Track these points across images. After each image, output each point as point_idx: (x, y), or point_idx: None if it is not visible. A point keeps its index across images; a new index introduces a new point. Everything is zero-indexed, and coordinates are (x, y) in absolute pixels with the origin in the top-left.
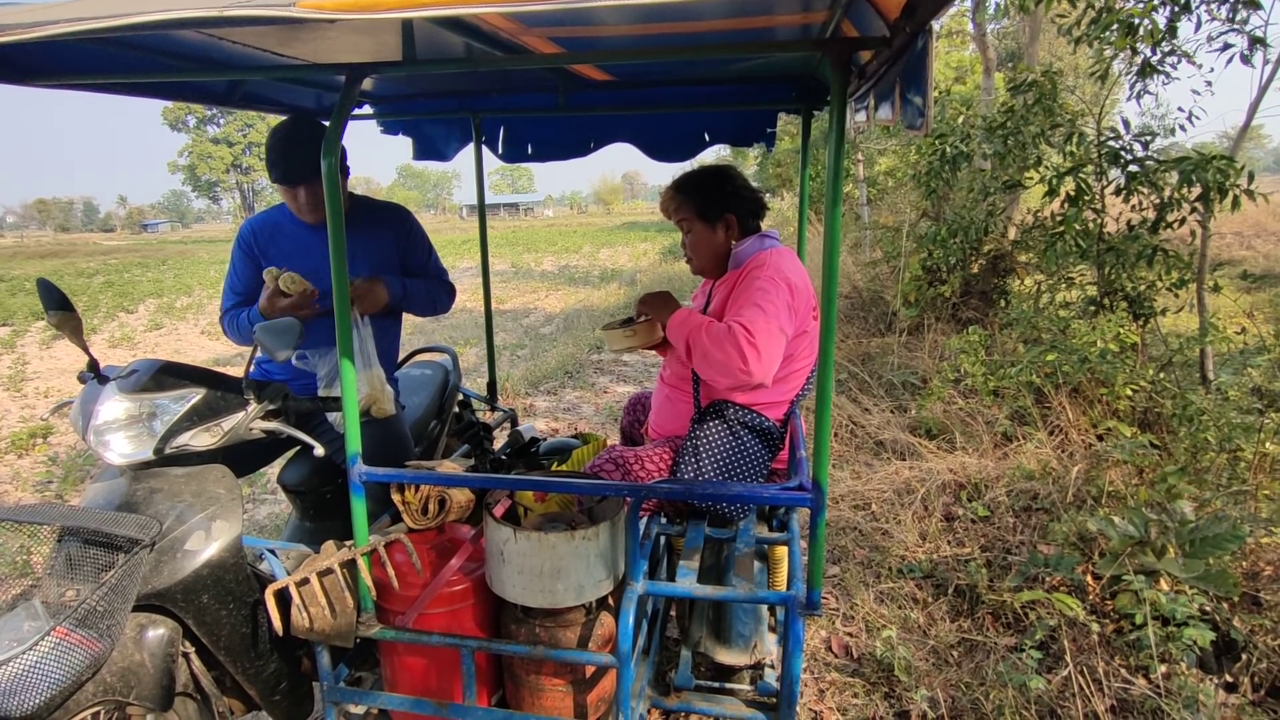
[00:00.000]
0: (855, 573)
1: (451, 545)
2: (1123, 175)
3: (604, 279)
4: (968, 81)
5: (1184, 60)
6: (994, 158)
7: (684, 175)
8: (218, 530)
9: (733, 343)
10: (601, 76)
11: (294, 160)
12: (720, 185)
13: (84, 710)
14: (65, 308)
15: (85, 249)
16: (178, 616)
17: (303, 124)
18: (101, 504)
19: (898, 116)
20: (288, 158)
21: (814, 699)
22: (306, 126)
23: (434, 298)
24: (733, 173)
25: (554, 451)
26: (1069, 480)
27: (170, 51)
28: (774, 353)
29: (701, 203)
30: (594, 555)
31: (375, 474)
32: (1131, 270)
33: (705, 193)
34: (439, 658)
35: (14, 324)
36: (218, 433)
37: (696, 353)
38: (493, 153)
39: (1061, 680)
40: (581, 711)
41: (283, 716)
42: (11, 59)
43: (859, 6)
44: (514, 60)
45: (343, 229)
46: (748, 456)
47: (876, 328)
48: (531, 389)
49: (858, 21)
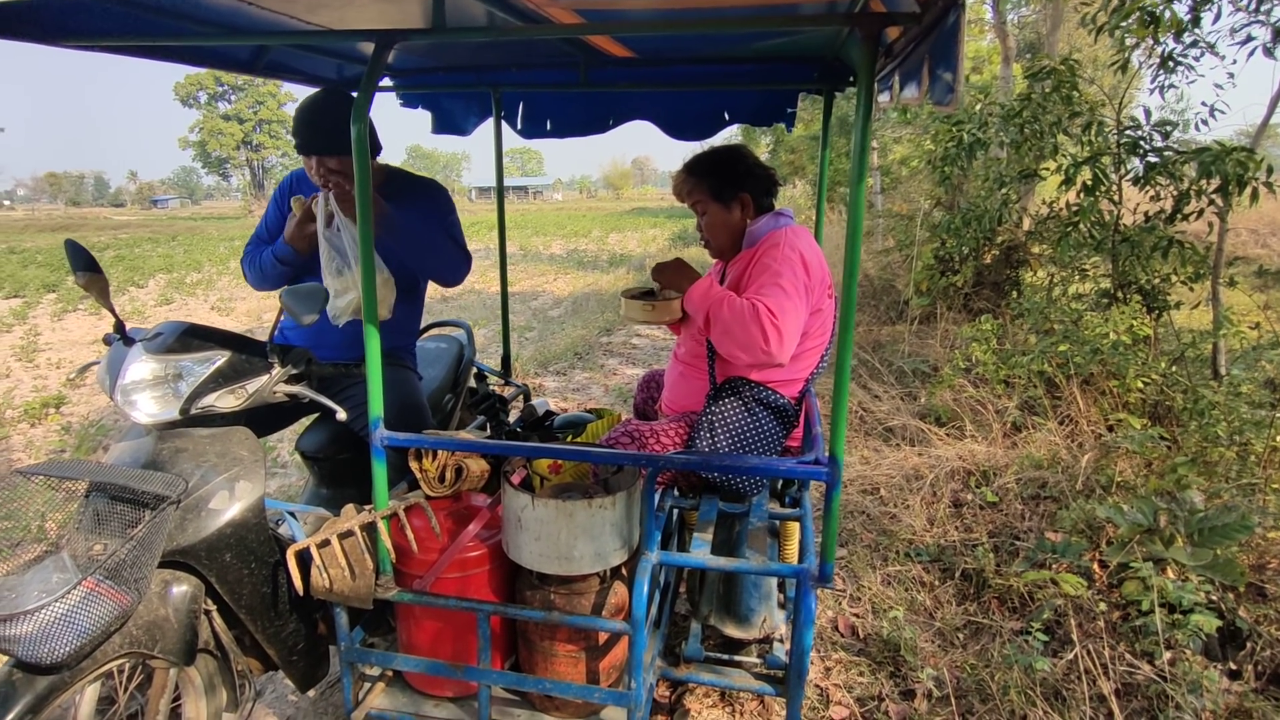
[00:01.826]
0: (863, 555)
1: (467, 513)
2: (1141, 165)
3: (613, 263)
4: (985, 71)
5: (1206, 53)
6: (1010, 147)
7: (696, 157)
8: (241, 491)
9: (755, 321)
10: (623, 52)
11: (314, 129)
12: (733, 165)
13: (110, 661)
14: (93, 269)
15: (96, 223)
16: (201, 574)
17: (329, 96)
18: (128, 462)
19: (925, 94)
20: (309, 126)
21: (820, 676)
22: (331, 98)
23: (453, 260)
24: (744, 151)
25: (568, 425)
26: (1078, 469)
27: (197, 16)
28: (794, 332)
29: (716, 184)
30: (610, 524)
31: (397, 439)
32: (1146, 262)
33: (719, 173)
34: (454, 621)
35: (25, 295)
36: (242, 395)
37: (717, 327)
38: (511, 128)
39: (1066, 663)
40: (594, 677)
41: (299, 676)
42: (39, 18)
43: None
44: (538, 30)
45: (369, 199)
46: (762, 433)
47: (887, 316)
48: (541, 369)
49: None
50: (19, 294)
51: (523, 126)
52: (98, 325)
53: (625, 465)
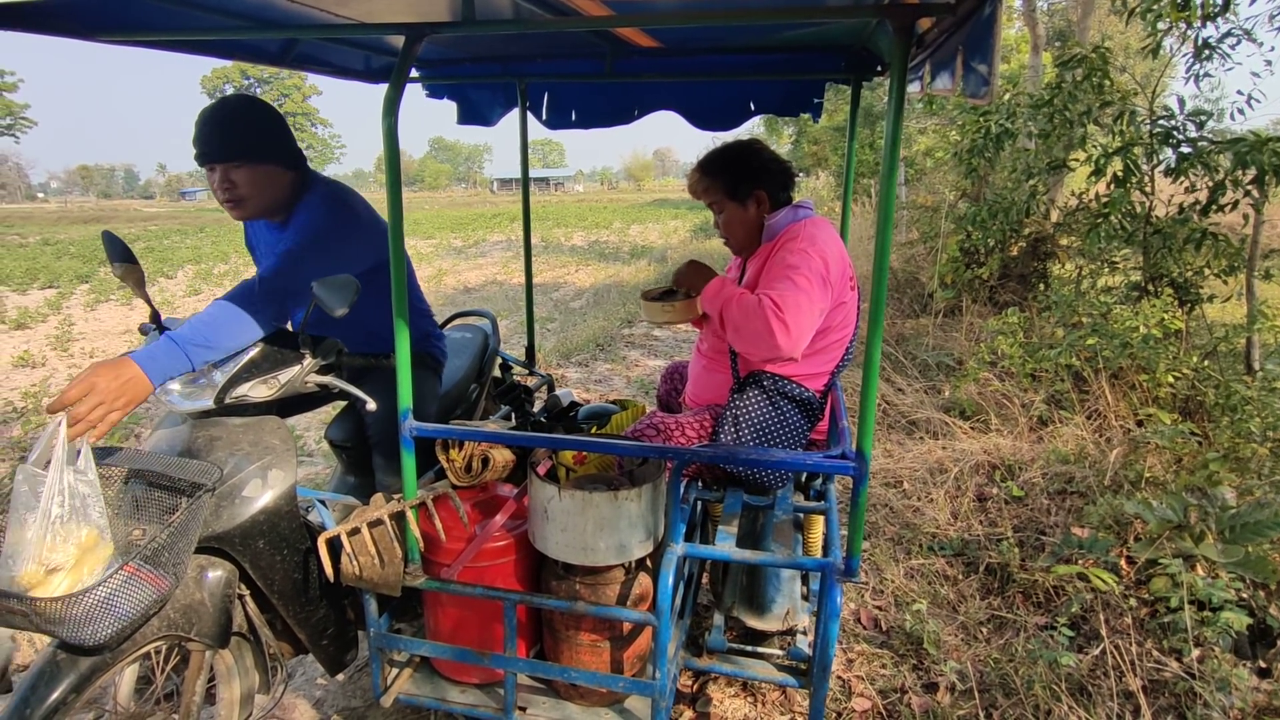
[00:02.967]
0: (885, 548)
1: (494, 503)
2: (1174, 156)
3: (634, 255)
4: (1013, 60)
5: (1243, 39)
6: (1039, 137)
7: (709, 155)
8: (274, 479)
9: (761, 316)
10: (649, 42)
11: (222, 134)
12: (747, 161)
13: (149, 643)
14: (129, 259)
15: (126, 215)
16: (235, 560)
17: (240, 99)
18: (165, 449)
19: (958, 86)
20: (216, 131)
21: (842, 668)
22: (242, 101)
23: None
24: (758, 146)
25: (592, 416)
26: (1106, 465)
27: (229, 10)
28: (803, 326)
29: (730, 181)
30: (635, 516)
31: (425, 429)
32: (1179, 255)
33: (733, 170)
34: (481, 609)
35: (60, 286)
36: (275, 385)
37: (729, 324)
38: (537, 119)
39: (1092, 659)
40: (617, 667)
41: (329, 660)
42: (78, 13)
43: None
44: (566, 22)
45: (400, 189)
46: (787, 426)
47: (911, 309)
48: (563, 360)
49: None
50: (53, 284)
51: (548, 117)
52: (129, 315)
53: (651, 458)
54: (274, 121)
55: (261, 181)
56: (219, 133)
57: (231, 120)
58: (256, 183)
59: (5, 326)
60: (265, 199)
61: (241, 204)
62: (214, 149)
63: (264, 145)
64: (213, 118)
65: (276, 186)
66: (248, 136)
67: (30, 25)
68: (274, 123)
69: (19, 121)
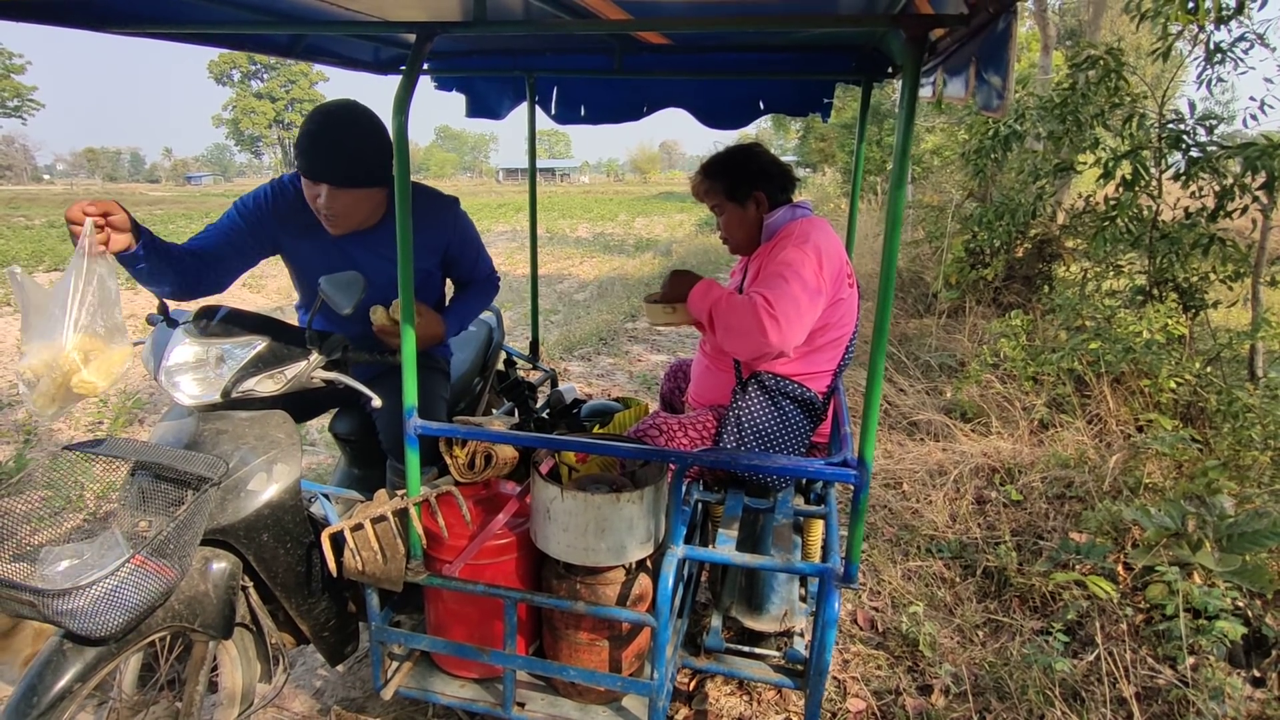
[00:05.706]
0: (883, 550)
1: (495, 500)
2: (1183, 160)
3: (639, 248)
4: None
5: (1256, 44)
6: (1048, 139)
7: (711, 159)
8: (278, 473)
9: (751, 313)
10: (659, 40)
11: (336, 156)
12: (746, 164)
13: (155, 633)
14: None
15: (132, 198)
16: (239, 552)
17: (358, 121)
18: (170, 442)
19: (971, 95)
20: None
21: (838, 668)
22: (361, 123)
23: (484, 307)
24: (757, 150)
25: (595, 414)
26: (1106, 470)
27: (239, 2)
28: (795, 322)
29: (730, 184)
30: (636, 518)
31: (430, 428)
32: (1185, 260)
33: (733, 173)
34: (481, 606)
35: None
36: (281, 380)
37: (719, 325)
38: (545, 113)
39: (1087, 665)
40: (616, 666)
41: (330, 651)
42: (88, 5)
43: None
44: (580, 24)
45: (408, 193)
46: (789, 427)
47: (915, 309)
48: (566, 354)
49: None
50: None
51: (556, 112)
52: (133, 299)
53: (653, 460)
54: (386, 142)
55: (364, 203)
56: (333, 154)
57: (345, 142)
58: (360, 205)
59: (10, 309)
60: (361, 217)
61: (341, 222)
62: (324, 170)
63: (376, 172)
64: (326, 135)
65: (374, 203)
66: (363, 163)
67: (42, 17)
68: (386, 144)
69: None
